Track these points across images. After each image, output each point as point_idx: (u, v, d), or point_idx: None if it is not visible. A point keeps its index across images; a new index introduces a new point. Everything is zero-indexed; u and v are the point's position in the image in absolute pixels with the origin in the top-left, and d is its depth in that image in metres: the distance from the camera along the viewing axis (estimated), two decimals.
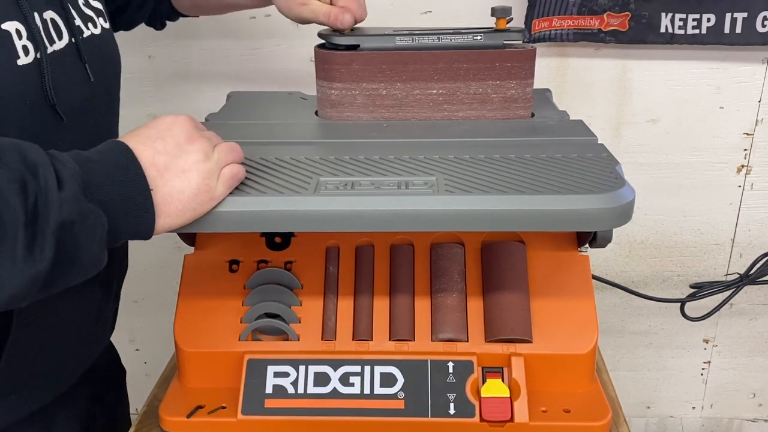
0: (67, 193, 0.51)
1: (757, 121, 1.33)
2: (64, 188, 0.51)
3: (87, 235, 0.52)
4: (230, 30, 1.29)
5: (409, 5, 1.27)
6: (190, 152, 0.59)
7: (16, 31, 0.62)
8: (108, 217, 0.54)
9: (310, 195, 0.63)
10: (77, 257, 0.52)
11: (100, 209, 0.53)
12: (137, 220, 0.56)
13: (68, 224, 0.50)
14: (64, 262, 0.51)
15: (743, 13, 1.21)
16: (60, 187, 0.51)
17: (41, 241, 0.49)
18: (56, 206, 0.50)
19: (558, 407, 0.71)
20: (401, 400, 0.70)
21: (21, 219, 0.48)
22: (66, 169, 0.52)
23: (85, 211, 0.52)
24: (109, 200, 0.54)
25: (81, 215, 0.52)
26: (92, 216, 0.53)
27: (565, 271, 0.76)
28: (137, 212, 0.56)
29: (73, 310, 0.75)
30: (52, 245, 0.49)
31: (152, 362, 1.63)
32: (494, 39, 0.83)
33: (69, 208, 0.51)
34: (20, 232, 0.48)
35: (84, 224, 0.52)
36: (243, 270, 0.77)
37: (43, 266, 0.49)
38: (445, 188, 0.64)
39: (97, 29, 0.75)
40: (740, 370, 1.57)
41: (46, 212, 0.49)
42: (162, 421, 0.72)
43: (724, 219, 1.42)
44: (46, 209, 0.49)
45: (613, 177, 0.66)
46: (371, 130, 0.81)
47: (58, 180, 0.51)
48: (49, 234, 0.49)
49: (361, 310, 0.75)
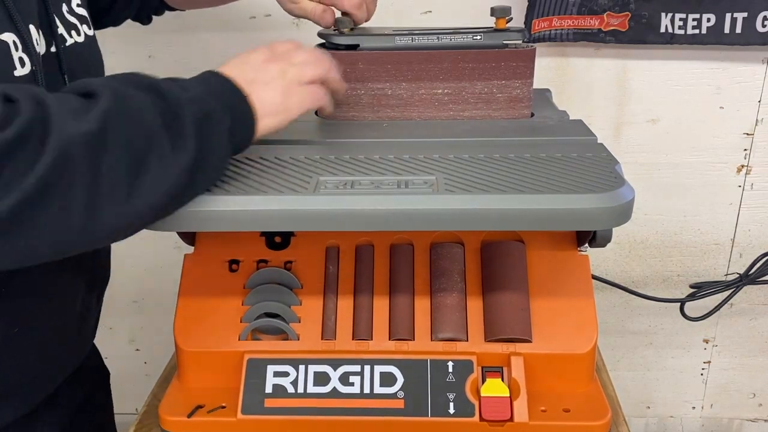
0: (193, 93, 0.60)
1: (757, 121, 1.33)
2: (189, 91, 0.60)
3: (217, 130, 0.61)
4: (230, 30, 1.29)
5: (409, 5, 1.27)
6: (269, 69, 0.68)
7: (13, 42, 0.62)
8: (227, 118, 0.63)
9: (309, 194, 0.63)
10: (212, 151, 0.61)
11: (223, 115, 0.62)
12: (244, 122, 0.65)
13: (200, 119, 0.59)
14: (203, 155, 0.60)
15: (743, 13, 1.21)
16: (186, 91, 0.60)
17: (182, 137, 0.58)
18: (188, 105, 0.59)
19: (558, 407, 0.71)
20: (401, 399, 0.70)
21: (160, 122, 0.57)
22: (187, 90, 0.61)
23: (210, 108, 0.61)
24: (219, 107, 0.62)
25: (208, 112, 0.60)
26: (216, 113, 0.61)
27: (564, 270, 0.76)
28: (242, 115, 0.64)
29: (58, 316, 0.75)
30: (192, 137, 0.58)
31: (152, 362, 1.63)
32: (494, 39, 0.83)
33: (197, 106, 0.60)
34: (163, 133, 0.56)
35: (212, 120, 0.61)
36: (243, 269, 0.77)
37: (188, 157, 0.58)
38: (445, 188, 0.64)
39: (81, 37, 0.75)
40: (740, 370, 1.57)
41: (180, 111, 0.58)
42: (162, 420, 0.72)
43: (724, 219, 1.42)
44: (181, 108, 0.58)
45: (613, 176, 0.66)
46: (371, 130, 0.81)
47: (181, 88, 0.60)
48: (188, 128, 0.58)
49: (361, 309, 0.75)
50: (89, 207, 0.53)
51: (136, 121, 0.55)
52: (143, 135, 0.55)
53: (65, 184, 0.51)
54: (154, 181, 0.56)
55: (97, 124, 0.53)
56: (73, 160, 0.51)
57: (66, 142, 0.51)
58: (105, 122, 0.53)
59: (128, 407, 1.67)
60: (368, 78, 0.83)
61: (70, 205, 0.52)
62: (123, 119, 0.54)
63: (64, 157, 0.51)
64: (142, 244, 1.48)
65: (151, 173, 0.56)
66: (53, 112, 0.52)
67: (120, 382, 1.64)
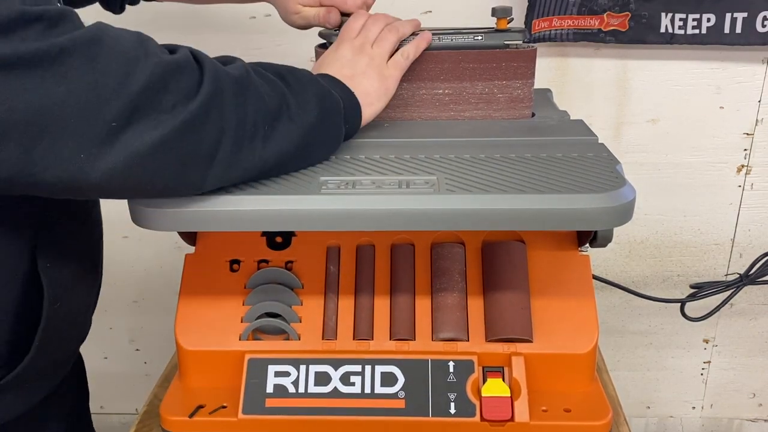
0: (312, 79, 0.69)
1: (757, 121, 1.33)
2: (308, 77, 0.69)
3: (335, 107, 0.69)
4: (230, 30, 1.29)
5: (409, 5, 1.27)
6: (359, 61, 0.77)
7: None
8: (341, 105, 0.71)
9: (311, 194, 0.63)
10: (331, 122, 0.69)
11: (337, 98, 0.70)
12: (353, 110, 0.73)
13: (321, 95, 0.68)
14: (323, 122, 0.68)
15: (743, 13, 1.21)
16: (306, 75, 0.69)
17: (307, 102, 0.66)
18: (309, 84, 0.68)
19: (558, 407, 0.71)
20: (402, 399, 0.70)
21: (287, 90, 0.65)
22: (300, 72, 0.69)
23: (326, 89, 0.69)
24: (334, 93, 0.71)
25: (327, 91, 0.69)
26: (333, 94, 0.70)
27: (565, 270, 0.76)
28: (351, 104, 0.73)
29: (80, 298, 0.76)
30: (315, 105, 0.66)
31: (152, 362, 1.63)
32: (495, 39, 0.83)
33: (317, 87, 0.68)
34: (291, 98, 0.65)
35: (331, 97, 0.69)
36: (243, 269, 0.77)
37: (312, 117, 0.66)
38: (446, 187, 0.64)
39: None
40: (740, 370, 1.58)
41: (303, 87, 0.67)
42: (163, 420, 0.72)
43: (724, 219, 1.42)
44: (303, 85, 0.67)
45: (614, 176, 0.66)
46: (372, 130, 0.81)
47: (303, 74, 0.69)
48: (311, 98, 0.66)
49: (362, 309, 0.75)
50: (235, 141, 0.60)
51: (269, 83, 0.64)
52: (275, 94, 0.64)
53: (218, 116, 0.58)
54: (284, 131, 0.64)
55: (240, 74, 0.62)
56: (224, 95, 0.59)
57: (219, 79, 0.59)
58: (247, 75, 0.62)
59: (128, 407, 1.68)
60: None
61: (219, 137, 0.59)
62: (259, 78, 0.64)
63: (218, 90, 0.59)
64: (142, 244, 1.48)
65: (282, 124, 0.64)
66: (203, 57, 0.60)
67: (120, 382, 1.65)
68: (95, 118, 0.52)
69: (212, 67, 0.60)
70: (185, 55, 0.59)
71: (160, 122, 0.55)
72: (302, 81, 0.67)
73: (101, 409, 1.67)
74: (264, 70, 0.66)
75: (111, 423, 1.69)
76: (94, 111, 0.52)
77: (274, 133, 0.63)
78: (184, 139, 0.57)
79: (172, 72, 0.56)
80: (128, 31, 0.57)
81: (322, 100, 0.68)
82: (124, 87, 0.53)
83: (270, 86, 0.64)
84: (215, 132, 0.59)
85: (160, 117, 0.55)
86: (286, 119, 0.64)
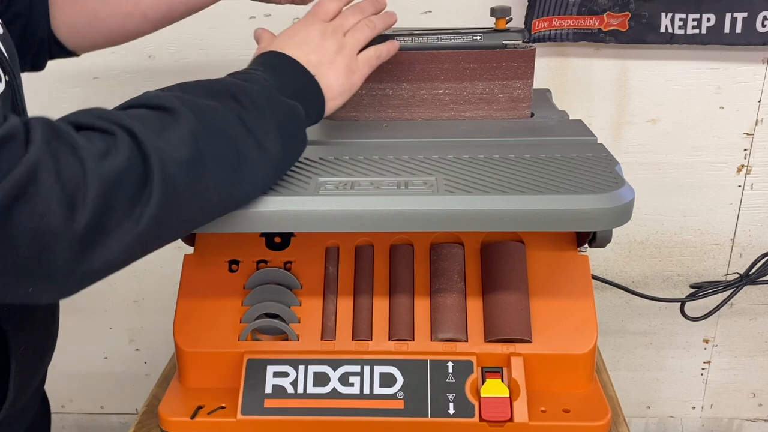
0: (265, 85, 0.62)
1: (757, 121, 1.33)
2: (260, 83, 0.62)
3: (296, 120, 0.64)
4: (230, 30, 1.29)
5: (409, 5, 1.27)
6: (328, 47, 0.70)
7: None
8: (304, 100, 0.65)
9: (309, 195, 0.63)
10: (294, 140, 0.64)
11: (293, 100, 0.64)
12: (315, 103, 0.68)
13: (281, 117, 0.62)
14: (288, 148, 0.63)
15: (743, 13, 1.21)
16: (256, 83, 0.62)
17: (267, 135, 0.60)
18: (266, 103, 0.61)
19: (557, 407, 0.71)
20: (401, 400, 0.70)
21: (243, 129, 0.58)
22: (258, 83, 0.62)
23: (286, 106, 0.63)
24: (295, 91, 0.65)
25: (285, 109, 0.63)
26: (293, 107, 0.64)
27: (564, 271, 0.76)
28: (313, 96, 0.67)
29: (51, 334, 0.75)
30: (276, 135, 0.60)
31: (152, 362, 1.63)
32: (494, 39, 0.83)
33: (275, 103, 0.62)
34: (249, 140, 0.58)
35: (291, 112, 0.63)
36: (242, 270, 0.77)
37: (276, 151, 0.60)
38: (445, 188, 0.64)
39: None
40: (740, 370, 1.57)
41: (260, 112, 0.60)
42: (162, 421, 0.72)
43: (724, 219, 1.42)
44: (259, 109, 0.60)
45: (613, 177, 0.66)
46: (371, 130, 0.81)
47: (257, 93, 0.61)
48: (271, 126, 0.60)
49: (361, 310, 0.75)
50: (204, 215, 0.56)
51: (223, 136, 0.56)
52: (233, 149, 0.56)
53: (174, 214, 0.52)
54: (250, 182, 0.59)
55: (191, 150, 0.53)
56: (179, 188, 0.52)
57: (169, 175, 0.51)
58: (197, 144, 0.53)
59: (128, 407, 1.68)
60: (369, 78, 0.83)
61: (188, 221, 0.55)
62: (211, 137, 0.55)
63: (170, 190, 0.51)
64: None
65: (246, 178, 0.58)
66: (148, 142, 0.50)
67: (120, 382, 1.65)
68: (46, 264, 0.46)
69: (159, 161, 0.50)
70: (126, 153, 0.49)
71: (118, 240, 0.49)
72: (256, 102, 0.60)
73: (101, 409, 1.67)
74: (210, 105, 0.57)
75: (111, 423, 1.69)
76: (39, 260, 0.46)
77: (240, 191, 0.59)
78: (150, 241, 0.52)
79: (116, 186, 0.48)
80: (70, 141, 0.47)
81: (282, 122, 0.62)
82: (69, 227, 0.46)
83: (223, 142, 0.56)
84: (179, 223, 0.54)
85: (111, 240, 0.49)
86: (250, 171, 0.58)
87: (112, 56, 1.31)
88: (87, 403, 1.67)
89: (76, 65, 1.29)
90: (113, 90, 1.35)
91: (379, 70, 0.83)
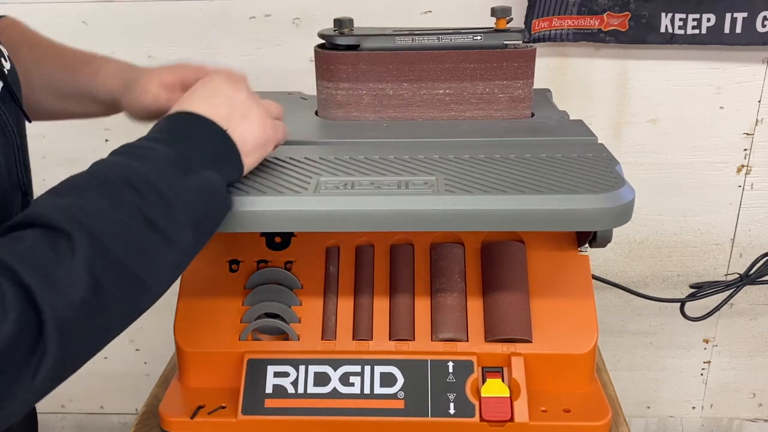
0: (173, 155, 0.55)
1: (757, 121, 1.33)
2: (163, 158, 0.55)
3: (210, 196, 0.57)
4: (230, 30, 1.29)
5: (409, 5, 1.27)
6: (241, 100, 0.63)
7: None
8: (216, 164, 0.59)
9: (310, 195, 0.63)
10: (208, 218, 0.58)
11: (206, 170, 0.58)
12: (230, 161, 0.61)
13: (189, 199, 0.55)
14: (200, 231, 0.56)
15: (743, 13, 1.21)
16: (164, 176, 0.54)
17: (176, 226, 0.53)
18: (174, 189, 0.54)
19: (558, 407, 0.71)
20: (401, 400, 0.70)
21: (146, 228, 0.52)
22: (158, 162, 0.55)
23: (192, 183, 0.56)
24: (206, 155, 0.58)
25: (191, 188, 0.55)
26: (202, 180, 0.57)
27: (565, 270, 0.76)
28: (227, 153, 0.60)
29: None
30: (187, 223, 0.54)
31: (152, 362, 1.63)
32: (494, 39, 0.83)
33: (180, 189, 0.54)
34: (155, 238, 0.52)
35: (200, 190, 0.56)
36: (243, 270, 0.77)
37: (186, 239, 0.54)
38: (445, 188, 0.64)
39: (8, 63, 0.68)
40: (740, 370, 1.57)
41: (166, 201, 0.53)
42: (162, 421, 0.72)
43: (724, 219, 1.42)
44: (165, 199, 0.53)
45: (613, 177, 0.66)
46: (371, 130, 0.81)
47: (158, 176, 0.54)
48: (180, 215, 0.54)
49: (361, 309, 0.75)
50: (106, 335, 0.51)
51: (125, 249, 0.50)
52: (138, 259, 0.51)
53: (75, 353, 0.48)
54: (158, 285, 0.54)
55: (88, 285, 0.47)
56: (77, 330, 0.47)
57: (65, 321, 0.46)
58: (95, 274, 0.48)
59: (128, 407, 1.67)
60: (370, 78, 0.83)
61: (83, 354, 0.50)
62: (111, 259, 0.49)
63: (69, 336, 0.47)
64: None
65: (154, 284, 0.53)
66: (40, 295, 0.45)
67: (120, 382, 1.64)
68: None
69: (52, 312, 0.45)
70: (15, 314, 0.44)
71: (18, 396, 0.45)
72: (160, 189, 0.53)
73: (101, 409, 1.67)
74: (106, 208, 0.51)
75: (111, 423, 1.69)
76: None
77: (148, 294, 0.53)
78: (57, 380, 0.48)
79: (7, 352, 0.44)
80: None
81: (192, 204, 0.55)
82: None
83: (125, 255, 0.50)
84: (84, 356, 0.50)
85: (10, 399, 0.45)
86: (158, 272, 0.53)
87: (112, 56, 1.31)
88: (87, 403, 1.67)
89: None
90: None
91: (380, 70, 0.83)
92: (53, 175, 1.37)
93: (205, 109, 0.61)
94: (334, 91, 0.84)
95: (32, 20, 0.85)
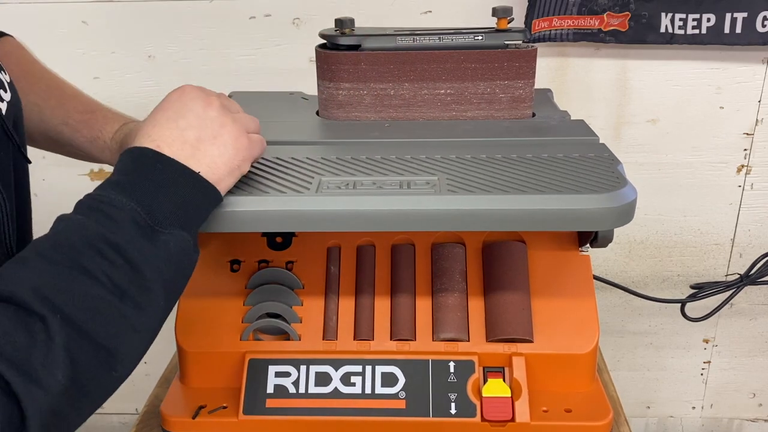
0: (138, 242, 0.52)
1: (757, 121, 1.33)
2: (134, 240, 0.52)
3: (177, 256, 0.55)
4: (230, 30, 1.29)
5: (409, 5, 1.27)
6: (213, 118, 0.60)
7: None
8: (186, 216, 0.56)
9: (311, 195, 0.63)
10: (181, 272, 0.56)
11: (175, 228, 0.55)
12: (207, 200, 0.58)
13: (159, 263, 0.53)
14: (173, 286, 0.55)
15: (743, 13, 1.21)
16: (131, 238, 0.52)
17: (147, 291, 0.52)
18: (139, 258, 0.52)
19: (559, 407, 0.71)
20: (402, 399, 0.70)
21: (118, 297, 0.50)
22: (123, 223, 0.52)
23: (160, 242, 0.54)
24: (179, 211, 0.55)
25: (161, 246, 0.53)
26: (170, 238, 0.54)
27: (566, 270, 0.76)
28: (202, 196, 0.58)
29: None
30: (155, 284, 0.52)
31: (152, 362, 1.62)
32: (495, 39, 0.83)
33: (148, 252, 0.52)
34: (123, 306, 0.51)
35: (169, 250, 0.54)
36: (244, 270, 0.77)
37: (158, 302, 0.53)
38: (447, 188, 0.64)
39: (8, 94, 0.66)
40: (740, 370, 1.57)
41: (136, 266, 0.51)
42: (164, 421, 0.72)
43: (724, 219, 1.42)
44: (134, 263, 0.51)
45: (615, 177, 0.66)
46: (373, 130, 0.81)
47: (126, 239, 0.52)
48: (150, 278, 0.52)
49: (363, 309, 0.75)
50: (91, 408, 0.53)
51: (97, 322, 0.49)
52: (110, 329, 0.50)
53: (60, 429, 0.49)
54: (131, 354, 0.53)
55: (65, 371, 0.47)
56: (58, 415, 0.47)
57: (46, 410, 0.46)
58: (71, 358, 0.47)
59: (128, 407, 1.67)
60: (371, 78, 0.83)
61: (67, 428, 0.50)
62: (85, 340, 0.48)
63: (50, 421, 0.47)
64: None
65: (126, 355, 0.52)
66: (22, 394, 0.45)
67: None
68: None
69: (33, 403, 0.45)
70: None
71: None
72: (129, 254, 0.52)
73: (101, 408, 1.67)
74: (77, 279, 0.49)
75: (111, 423, 1.68)
76: None
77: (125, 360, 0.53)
78: None
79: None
80: None
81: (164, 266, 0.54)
82: None
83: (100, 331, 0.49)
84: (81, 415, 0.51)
85: None
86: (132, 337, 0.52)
87: (112, 56, 1.31)
88: None
89: (76, 65, 1.29)
90: (113, 90, 1.34)
91: (381, 70, 0.83)
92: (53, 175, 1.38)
93: (173, 136, 0.57)
94: (335, 91, 0.84)
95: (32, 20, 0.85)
